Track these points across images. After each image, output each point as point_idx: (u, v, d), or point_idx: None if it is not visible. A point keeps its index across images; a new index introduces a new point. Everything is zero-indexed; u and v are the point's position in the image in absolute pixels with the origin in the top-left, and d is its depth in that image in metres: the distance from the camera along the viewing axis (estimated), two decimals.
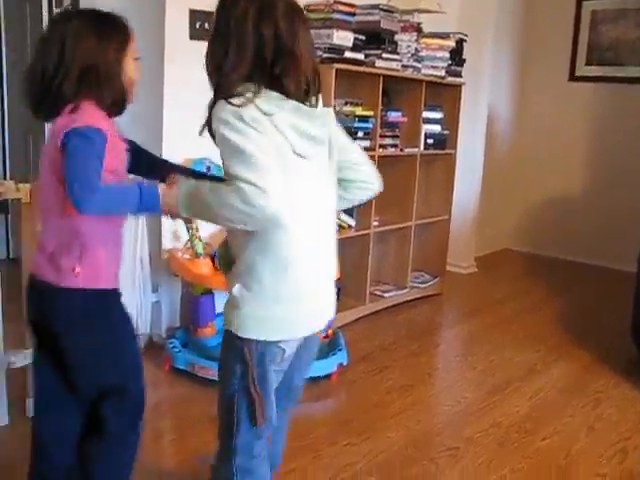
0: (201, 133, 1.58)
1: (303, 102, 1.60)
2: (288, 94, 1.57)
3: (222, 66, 1.56)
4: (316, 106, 1.64)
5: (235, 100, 1.51)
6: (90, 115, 1.64)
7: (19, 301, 2.63)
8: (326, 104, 3.63)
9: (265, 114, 1.52)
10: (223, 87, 1.55)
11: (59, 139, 1.59)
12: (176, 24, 3.35)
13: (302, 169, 1.61)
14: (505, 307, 4.63)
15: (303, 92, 1.60)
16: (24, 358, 2.61)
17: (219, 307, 3.47)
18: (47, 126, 4.13)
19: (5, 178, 4.54)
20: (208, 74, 1.61)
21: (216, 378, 2.93)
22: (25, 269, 2.60)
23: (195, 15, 3.40)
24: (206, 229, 3.39)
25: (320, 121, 1.64)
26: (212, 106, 1.55)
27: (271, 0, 1.58)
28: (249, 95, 1.52)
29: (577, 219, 6.00)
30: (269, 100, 1.54)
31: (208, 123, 1.55)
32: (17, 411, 2.69)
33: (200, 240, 3.18)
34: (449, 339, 4.21)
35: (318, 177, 1.67)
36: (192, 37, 3.38)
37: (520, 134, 6.22)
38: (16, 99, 4.70)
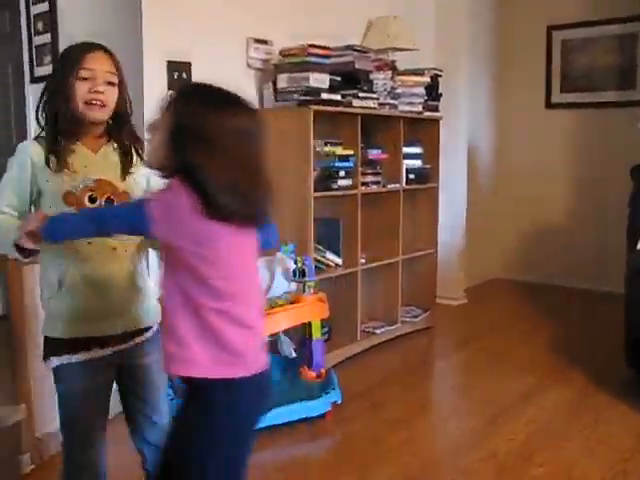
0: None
1: None
2: None
3: None
4: None
5: None
6: None
7: (9, 360, 2.64)
8: (306, 146, 3.70)
9: None
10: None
11: None
12: (154, 75, 3.40)
13: None
14: (497, 336, 4.64)
15: None
16: (15, 414, 2.60)
17: None
18: None
19: None
20: None
21: None
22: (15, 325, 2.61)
23: (173, 66, 3.45)
24: None
25: None
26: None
27: None
28: None
29: (563, 244, 6.04)
30: None
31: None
32: (9, 469, 2.66)
33: None
34: (443, 371, 4.21)
35: None
36: (170, 87, 3.43)
37: (501, 163, 6.30)
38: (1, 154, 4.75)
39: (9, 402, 2.66)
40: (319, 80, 3.75)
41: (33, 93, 4.19)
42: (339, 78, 3.90)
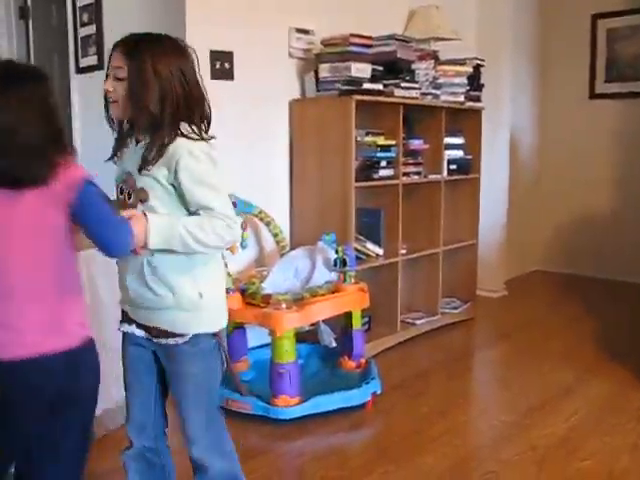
0: (141, 171, 1.72)
1: None
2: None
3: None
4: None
5: (196, 136, 1.75)
6: None
7: None
8: (347, 136, 3.71)
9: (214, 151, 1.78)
10: (173, 125, 1.73)
11: None
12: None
13: None
14: (538, 328, 4.59)
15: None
16: None
17: (251, 341, 3.49)
18: None
19: None
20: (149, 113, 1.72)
21: (252, 412, 2.99)
22: None
23: (215, 55, 3.48)
24: (235, 265, 3.43)
25: None
26: (165, 143, 1.71)
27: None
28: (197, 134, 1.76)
29: (606, 236, 5.96)
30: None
31: (155, 159, 1.71)
32: None
33: (229, 275, 3.22)
34: (483, 363, 4.18)
35: None
36: (213, 77, 3.45)
37: (543, 154, 6.22)
38: None
39: None
40: (361, 70, 3.74)
41: (78, 83, 4.24)
42: (381, 68, 3.89)
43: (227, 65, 3.56)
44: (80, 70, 4.20)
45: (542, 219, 6.23)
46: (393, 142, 3.96)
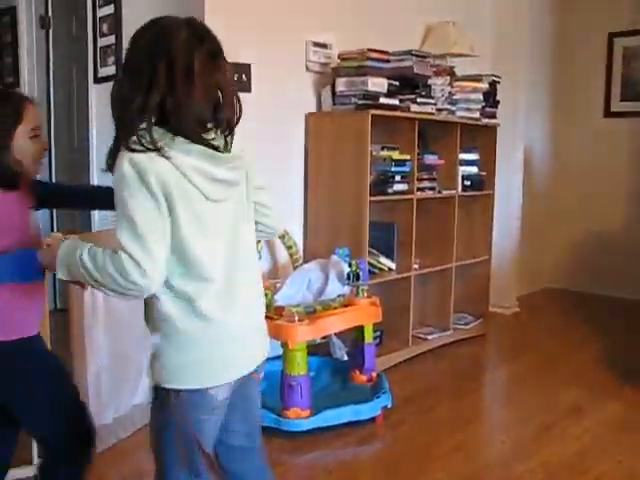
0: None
1: (204, 142, 1.48)
2: (178, 132, 1.45)
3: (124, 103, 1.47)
4: (226, 149, 1.53)
5: (138, 147, 1.41)
6: None
7: (67, 350, 2.71)
8: (363, 150, 3.69)
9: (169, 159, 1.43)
10: (126, 128, 1.45)
11: None
12: None
13: (216, 213, 1.53)
14: (550, 346, 4.57)
15: (199, 132, 1.48)
16: None
17: None
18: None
19: (52, 230, 4.66)
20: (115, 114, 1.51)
21: (263, 424, 2.98)
22: (72, 319, 2.67)
23: (233, 68, 3.50)
24: None
25: (231, 165, 1.54)
26: (115, 150, 1.46)
27: (168, 28, 1.49)
28: (150, 139, 1.42)
29: (619, 255, 5.93)
30: (171, 144, 1.44)
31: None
32: None
33: None
34: (494, 379, 4.17)
35: (234, 218, 1.59)
36: None
37: (558, 171, 6.21)
38: (63, 153, 4.87)
39: None
40: (377, 84, 3.75)
41: (96, 92, 4.28)
42: (397, 83, 3.90)
43: (245, 77, 3.59)
44: (98, 80, 4.23)
45: (555, 236, 6.21)
46: (408, 157, 3.97)
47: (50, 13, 4.74)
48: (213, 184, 1.49)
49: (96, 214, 4.20)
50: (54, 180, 4.81)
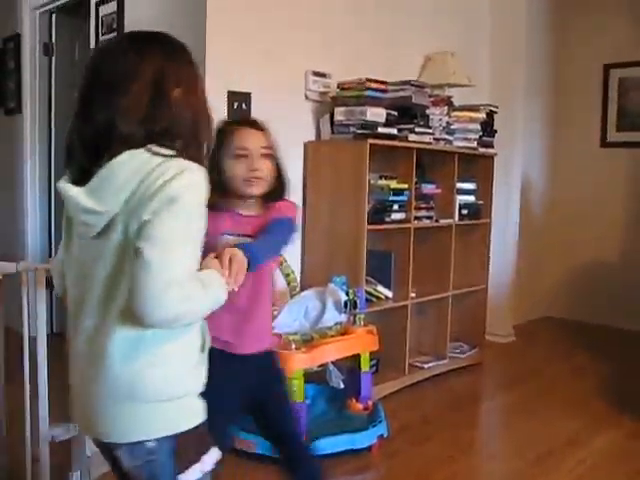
0: None
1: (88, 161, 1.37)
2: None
3: None
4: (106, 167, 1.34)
5: None
6: None
7: (63, 375, 2.70)
8: (361, 178, 3.70)
9: None
10: None
11: None
12: (215, 105, 3.47)
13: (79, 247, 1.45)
14: (546, 376, 4.57)
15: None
16: (66, 431, 2.66)
17: None
18: None
19: (50, 255, 4.67)
20: None
21: (257, 451, 2.98)
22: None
23: (233, 96, 3.54)
24: None
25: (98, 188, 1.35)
26: None
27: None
28: None
29: (617, 284, 5.95)
30: None
31: None
32: None
33: None
34: (490, 409, 4.16)
35: (94, 260, 1.40)
36: (230, 117, 3.50)
37: (554, 200, 6.25)
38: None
39: (62, 419, 2.72)
40: (376, 114, 3.79)
41: None
42: (396, 112, 3.94)
43: (244, 106, 3.63)
44: None
45: (553, 265, 6.23)
46: (406, 186, 4.00)
47: (54, 40, 4.80)
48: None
49: None
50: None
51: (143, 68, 1.38)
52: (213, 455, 1.47)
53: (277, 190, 2.05)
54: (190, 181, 1.33)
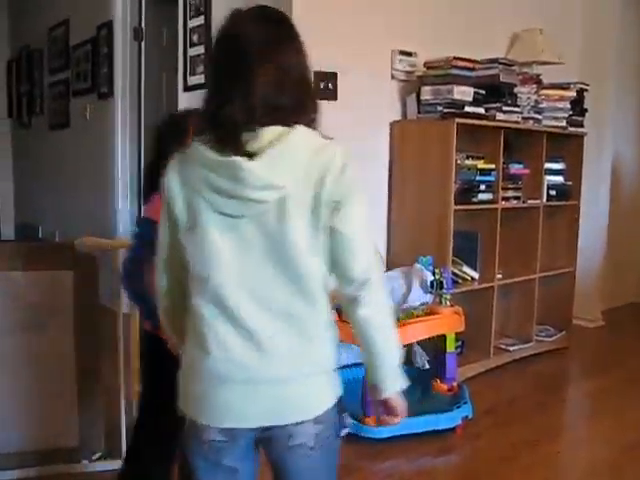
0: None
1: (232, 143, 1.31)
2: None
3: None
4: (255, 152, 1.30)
5: None
6: None
7: None
8: (448, 158, 3.65)
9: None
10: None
11: None
12: None
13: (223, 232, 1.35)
14: (635, 363, 4.43)
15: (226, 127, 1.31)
16: None
17: (344, 360, 3.52)
18: None
19: None
20: None
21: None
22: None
23: (320, 76, 3.55)
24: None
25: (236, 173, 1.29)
26: None
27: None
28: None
29: None
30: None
31: None
32: None
33: None
34: (577, 394, 4.08)
35: (246, 246, 1.34)
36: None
37: None
38: None
39: None
40: (463, 93, 3.74)
41: (185, 100, 4.40)
42: (483, 91, 3.88)
43: (331, 86, 3.64)
44: (187, 88, 4.35)
45: None
46: (493, 166, 3.94)
47: (143, 25, 4.92)
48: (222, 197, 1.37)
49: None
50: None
51: (292, 35, 1.39)
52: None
53: None
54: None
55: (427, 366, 3.37)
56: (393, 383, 1.44)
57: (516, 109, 4.06)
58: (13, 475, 2.59)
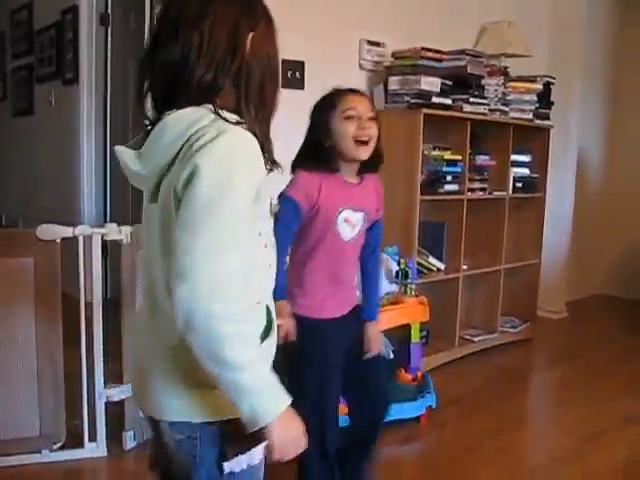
0: None
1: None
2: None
3: None
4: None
5: None
6: None
7: (118, 340, 2.76)
8: (414, 149, 3.65)
9: None
10: None
11: None
12: None
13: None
14: (599, 353, 4.50)
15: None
16: (121, 392, 2.73)
17: None
18: None
19: (105, 221, 4.75)
20: None
21: None
22: (126, 308, 2.73)
23: (287, 64, 3.53)
24: None
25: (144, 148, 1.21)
26: None
27: None
28: None
29: None
30: None
31: None
32: (115, 444, 2.79)
33: None
34: (541, 384, 4.12)
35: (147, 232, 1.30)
36: (284, 85, 3.50)
37: (612, 175, 6.09)
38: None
39: (116, 381, 2.78)
40: (430, 84, 3.74)
41: None
42: (450, 82, 3.88)
43: (298, 75, 3.62)
44: None
45: (608, 241, 6.09)
46: (459, 157, 3.95)
47: (109, 11, 4.84)
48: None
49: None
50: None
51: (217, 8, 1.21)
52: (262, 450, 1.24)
53: (374, 159, 2.17)
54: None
55: (392, 356, 3.36)
56: None
57: (483, 101, 4.07)
58: None
